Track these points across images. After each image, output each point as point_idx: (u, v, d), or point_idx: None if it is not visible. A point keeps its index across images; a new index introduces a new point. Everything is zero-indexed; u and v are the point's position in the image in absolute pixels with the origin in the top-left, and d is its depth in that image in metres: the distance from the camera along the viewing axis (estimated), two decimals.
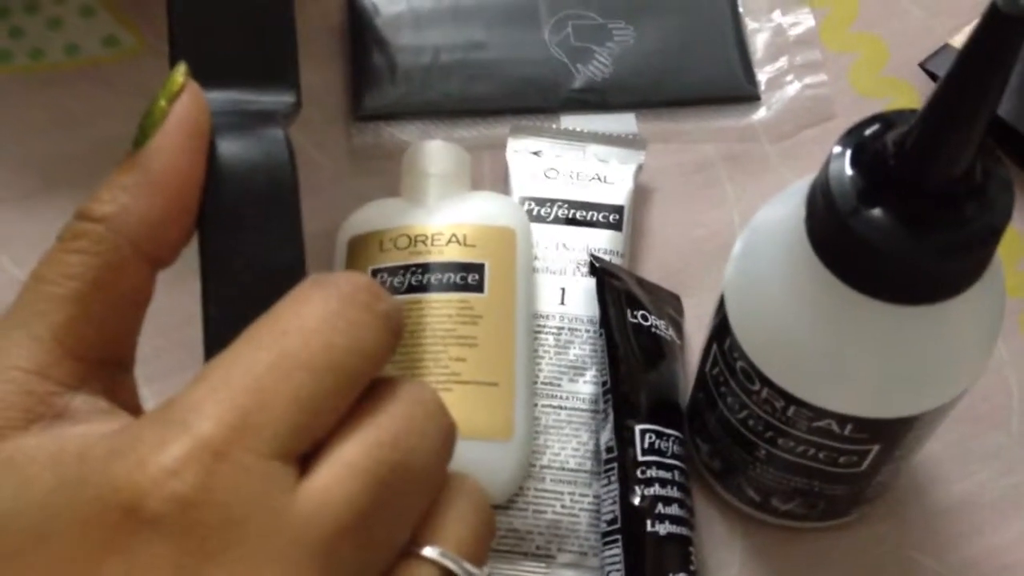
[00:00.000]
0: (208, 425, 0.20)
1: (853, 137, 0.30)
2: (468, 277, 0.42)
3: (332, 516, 0.20)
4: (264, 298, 0.22)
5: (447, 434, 0.23)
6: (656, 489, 0.40)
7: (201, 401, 0.20)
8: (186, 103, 0.24)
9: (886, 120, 0.30)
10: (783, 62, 0.52)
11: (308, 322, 0.21)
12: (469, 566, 0.22)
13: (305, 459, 0.21)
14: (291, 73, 0.26)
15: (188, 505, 0.19)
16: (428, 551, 0.22)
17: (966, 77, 0.26)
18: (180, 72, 0.24)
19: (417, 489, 0.22)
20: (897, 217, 0.29)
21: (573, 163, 0.48)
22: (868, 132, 0.30)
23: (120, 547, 0.20)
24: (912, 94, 0.52)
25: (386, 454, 0.21)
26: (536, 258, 0.45)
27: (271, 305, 0.22)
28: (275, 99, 0.26)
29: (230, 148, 0.24)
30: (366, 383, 0.22)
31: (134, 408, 0.24)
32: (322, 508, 0.20)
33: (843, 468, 0.37)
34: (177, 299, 0.37)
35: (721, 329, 0.36)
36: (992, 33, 0.25)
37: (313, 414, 0.21)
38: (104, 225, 0.23)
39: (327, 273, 0.23)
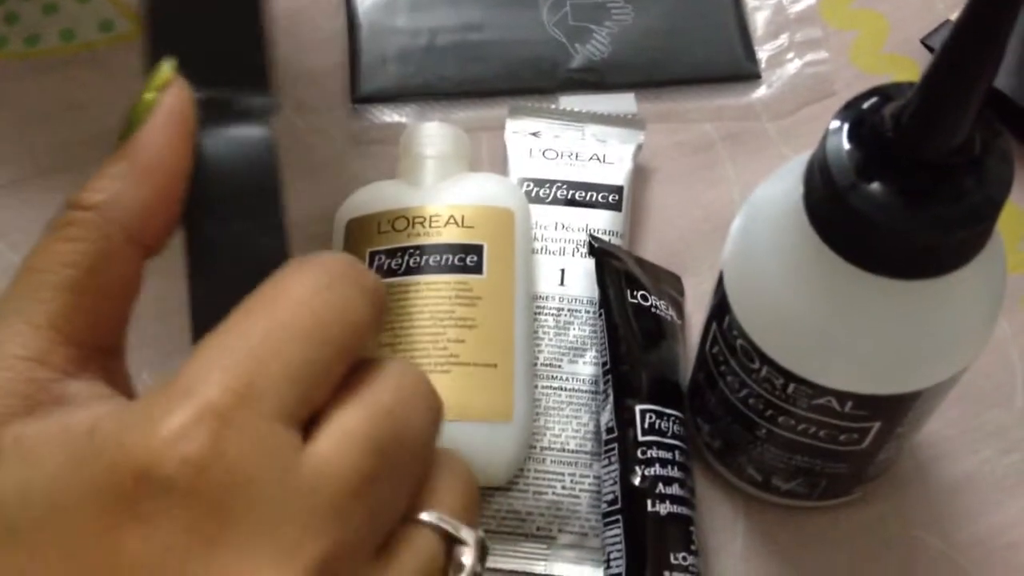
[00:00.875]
0: (213, 391, 0.20)
1: (851, 111, 0.30)
2: (467, 258, 0.42)
3: (341, 478, 0.21)
4: (249, 284, 0.23)
5: (436, 409, 0.24)
6: (657, 469, 0.40)
7: (203, 370, 0.21)
8: (174, 95, 0.25)
9: (884, 93, 0.30)
10: (783, 39, 0.52)
11: (298, 294, 0.22)
12: (465, 528, 0.23)
13: (305, 427, 0.22)
14: (266, 76, 0.27)
15: (200, 467, 0.20)
16: (426, 515, 0.23)
17: (962, 48, 0.26)
18: (168, 66, 0.25)
19: (413, 458, 0.23)
20: (895, 191, 0.28)
21: (572, 143, 0.48)
22: (865, 106, 0.30)
23: (136, 513, 0.20)
24: (913, 70, 0.51)
25: (385, 423, 0.22)
26: (535, 239, 0.45)
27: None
28: (254, 100, 0.27)
29: (214, 141, 0.25)
30: (356, 355, 0.23)
31: (128, 394, 0.25)
32: (330, 470, 0.21)
33: (844, 446, 0.36)
34: (175, 285, 0.37)
35: (720, 308, 0.36)
36: (987, 3, 0.24)
37: (311, 381, 0.21)
38: (96, 213, 0.24)
39: (311, 254, 0.23)
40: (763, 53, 0.52)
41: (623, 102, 0.50)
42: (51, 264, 0.23)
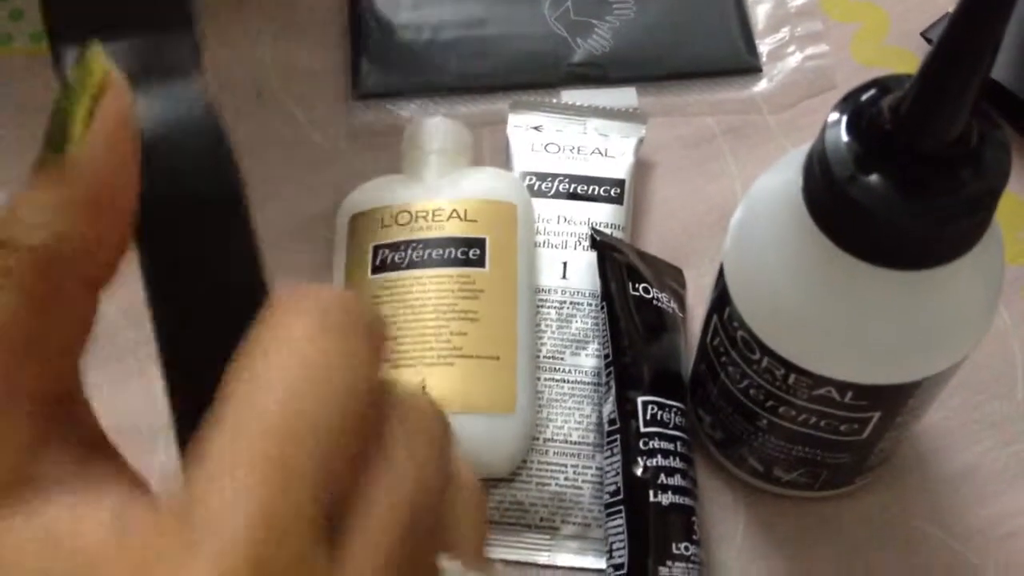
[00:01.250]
0: (234, 530, 0.17)
1: (849, 103, 0.30)
2: (469, 252, 0.42)
3: None
4: (222, 323, 0.20)
5: (450, 447, 0.22)
6: (659, 460, 0.40)
7: (221, 511, 0.18)
8: (114, 102, 0.20)
9: (882, 85, 0.30)
10: (784, 33, 0.52)
11: (302, 373, 0.19)
12: None
13: (330, 517, 0.19)
14: (190, 17, 0.22)
15: None
16: (447, 563, 0.21)
17: (959, 39, 0.26)
18: (99, 60, 0.20)
19: (437, 520, 0.21)
20: (894, 182, 0.29)
21: (574, 137, 0.48)
22: (864, 98, 0.30)
23: None
24: (914, 64, 0.51)
25: (407, 519, 0.20)
26: (537, 233, 0.46)
27: (233, 332, 0.20)
28: (178, 43, 0.22)
29: (152, 132, 0.21)
30: (369, 414, 0.20)
31: (99, 436, 0.22)
32: None
33: (845, 436, 0.37)
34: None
35: (721, 299, 0.36)
36: None
37: (338, 478, 0.19)
38: (34, 255, 0.20)
39: (296, 290, 0.20)
40: (764, 46, 0.52)
41: (625, 96, 0.50)
42: None
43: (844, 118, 0.29)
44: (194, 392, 0.20)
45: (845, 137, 0.29)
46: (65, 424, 0.21)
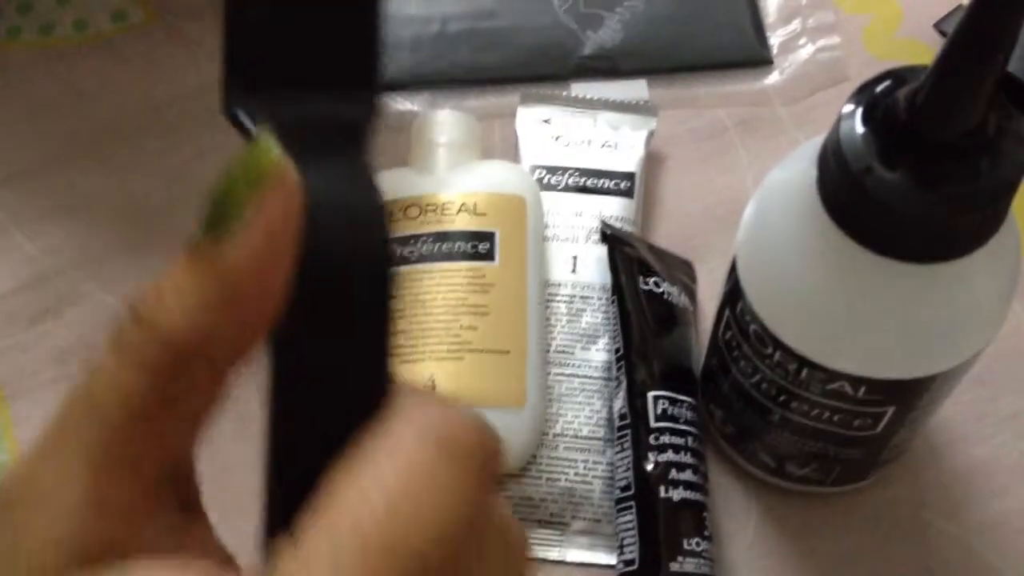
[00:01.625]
0: None
1: (864, 95, 0.29)
2: (479, 246, 0.42)
3: None
4: (338, 419, 0.19)
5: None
6: (669, 455, 0.40)
7: None
8: (282, 202, 0.19)
9: (897, 76, 0.30)
10: (796, 25, 0.52)
11: (411, 486, 0.19)
12: None
13: None
14: (377, 73, 0.20)
15: None
16: None
17: (976, 30, 0.26)
18: (268, 146, 0.19)
19: None
20: (909, 174, 0.28)
21: (584, 130, 0.48)
22: (879, 89, 0.29)
23: None
24: (927, 56, 0.51)
25: None
26: (547, 226, 0.45)
27: (347, 429, 0.19)
28: (356, 111, 0.20)
29: (315, 213, 0.19)
30: (468, 542, 0.19)
31: (196, 503, 0.22)
32: None
33: (858, 431, 0.36)
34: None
35: (733, 293, 0.36)
36: None
37: None
38: (170, 340, 0.19)
39: (418, 397, 0.20)
40: (775, 39, 0.52)
41: (635, 88, 0.50)
42: (113, 395, 0.20)
43: (859, 109, 0.29)
44: (294, 481, 0.19)
45: (860, 129, 0.29)
46: (170, 494, 0.21)
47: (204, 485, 0.22)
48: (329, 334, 0.20)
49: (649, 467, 0.39)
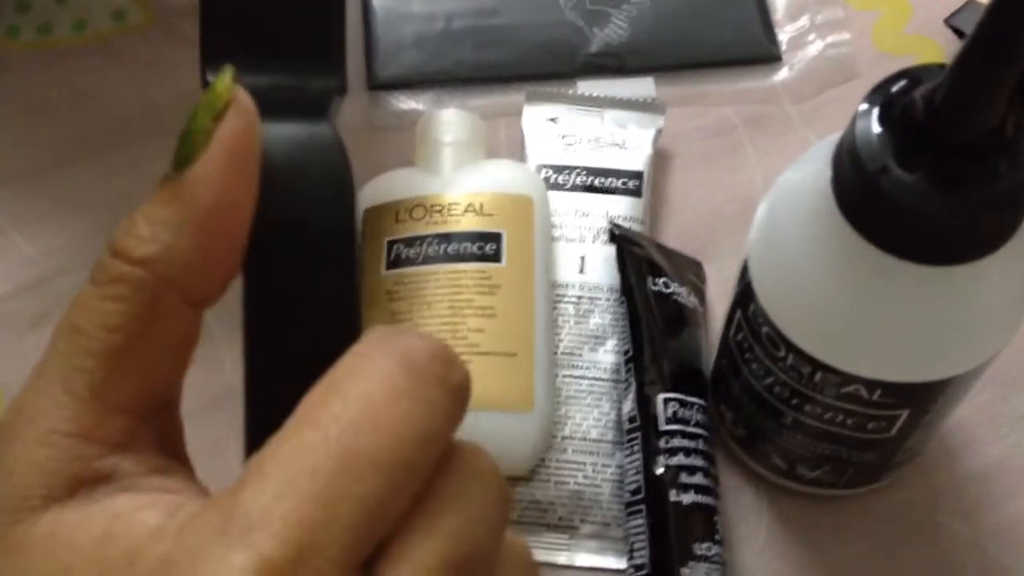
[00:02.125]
0: (274, 544, 0.18)
1: (880, 94, 0.29)
2: (485, 247, 0.42)
3: None
4: (311, 350, 0.20)
5: (505, 505, 0.21)
6: (680, 458, 0.39)
7: (264, 512, 0.18)
8: (235, 121, 0.21)
9: (913, 76, 0.29)
10: (804, 21, 0.51)
11: (375, 404, 0.19)
12: None
13: (368, 560, 0.19)
14: (338, 49, 0.22)
15: None
16: None
17: (997, 29, 0.25)
18: (226, 81, 0.21)
19: (481, 571, 0.21)
20: (926, 175, 0.28)
21: (591, 129, 0.47)
22: (895, 88, 0.29)
23: None
24: (937, 51, 0.50)
25: (455, 552, 0.20)
26: (554, 226, 0.45)
27: (321, 361, 0.20)
28: (321, 83, 0.22)
29: (278, 151, 0.21)
30: (429, 463, 0.20)
31: (180, 449, 0.23)
32: None
33: (872, 434, 0.36)
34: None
35: (745, 295, 0.35)
36: None
37: (382, 518, 0.19)
38: (144, 269, 0.21)
39: (390, 329, 0.20)
40: (784, 35, 0.51)
41: (642, 86, 0.50)
42: (95, 327, 0.21)
43: (875, 109, 0.29)
44: (271, 407, 0.20)
45: (876, 128, 0.28)
46: (153, 432, 0.22)
47: (197, 465, 0.23)
48: (299, 281, 0.21)
49: (659, 470, 0.39)
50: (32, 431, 0.20)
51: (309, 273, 0.21)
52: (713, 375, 0.42)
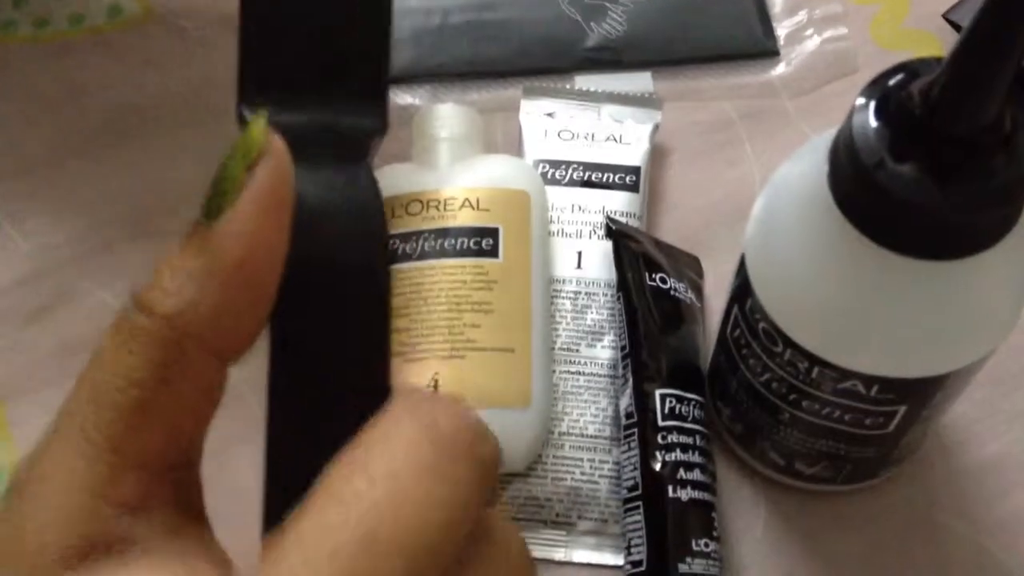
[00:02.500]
0: None
1: (877, 88, 0.29)
2: (482, 242, 0.42)
3: None
4: (337, 412, 0.20)
5: None
6: (677, 454, 0.39)
7: None
8: (269, 171, 0.20)
9: (911, 69, 0.29)
10: (802, 16, 0.51)
11: (400, 484, 0.19)
12: None
13: None
14: (382, 89, 0.21)
15: None
16: None
17: (994, 22, 0.25)
18: (259, 127, 0.20)
19: None
20: (923, 169, 0.28)
21: (588, 124, 0.47)
22: (892, 82, 0.29)
23: None
24: (935, 46, 0.50)
25: None
26: (551, 221, 0.45)
27: (345, 423, 0.20)
28: (363, 123, 0.21)
29: (315, 208, 0.20)
30: (457, 545, 0.19)
31: (198, 506, 0.22)
32: None
33: (870, 430, 0.36)
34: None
35: (742, 290, 0.35)
36: None
37: None
38: (168, 323, 0.20)
39: (421, 394, 0.20)
40: (782, 29, 0.51)
41: (639, 81, 0.49)
42: (115, 379, 0.20)
43: (872, 103, 0.28)
44: (292, 475, 0.20)
45: (873, 122, 0.28)
46: (172, 489, 0.21)
47: (208, 493, 0.22)
48: (327, 333, 0.20)
49: (657, 467, 0.39)
50: (46, 488, 0.20)
51: (339, 324, 0.20)
52: (710, 371, 0.42)
